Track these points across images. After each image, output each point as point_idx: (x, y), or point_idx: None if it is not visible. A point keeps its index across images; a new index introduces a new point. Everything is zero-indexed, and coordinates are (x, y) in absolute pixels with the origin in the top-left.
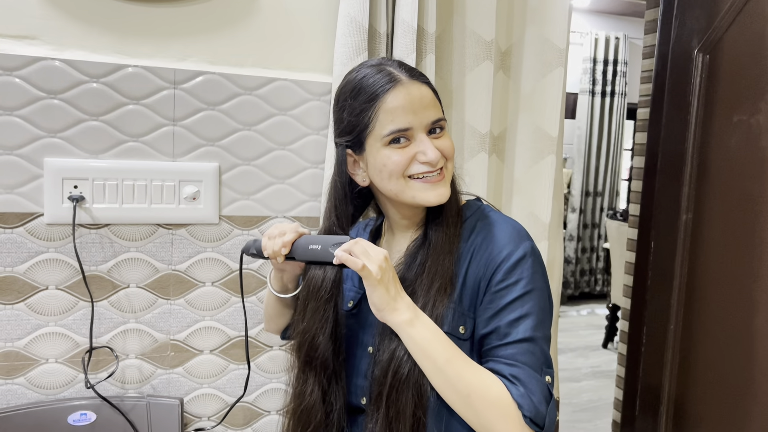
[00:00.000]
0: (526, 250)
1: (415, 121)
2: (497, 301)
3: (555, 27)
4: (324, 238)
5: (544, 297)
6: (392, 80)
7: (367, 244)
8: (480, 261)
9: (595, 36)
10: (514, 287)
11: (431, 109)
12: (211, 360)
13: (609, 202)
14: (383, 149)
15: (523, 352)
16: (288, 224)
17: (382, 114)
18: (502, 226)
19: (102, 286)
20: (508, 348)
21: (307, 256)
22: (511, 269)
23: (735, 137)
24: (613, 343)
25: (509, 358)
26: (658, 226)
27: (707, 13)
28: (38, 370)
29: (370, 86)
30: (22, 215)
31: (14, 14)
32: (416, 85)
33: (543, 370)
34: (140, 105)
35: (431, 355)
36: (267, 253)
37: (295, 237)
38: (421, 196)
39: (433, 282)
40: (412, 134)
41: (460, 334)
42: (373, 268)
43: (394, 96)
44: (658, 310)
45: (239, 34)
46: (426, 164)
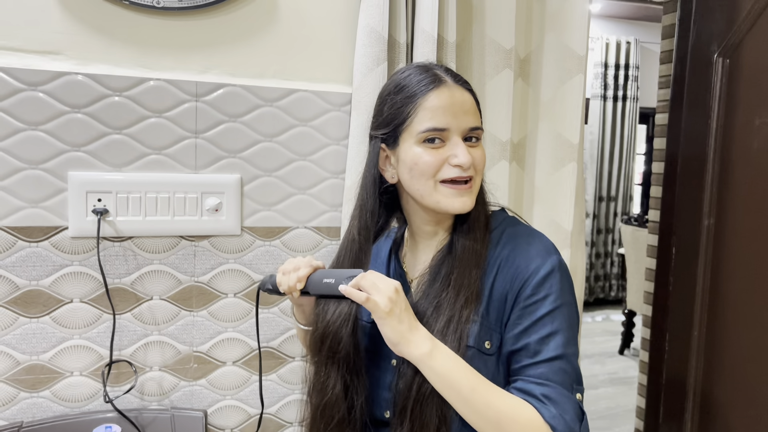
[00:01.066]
0: (554, 264)
1: (453, 124)
2: (526, 317)
3: (574, 33)
4: (337, 272)
5: (572, 312)
6: (437, 80)
7: (377, 277)
8: (507, 274)
9: (606, 41)
10: (543, 302)
11: (471, 116)
12: (234, 371)
13: (623, 207)
14: (416, 146)
15: (555, 370)
16: (302, 259)
17: (421, 111)
18: (529, 239)
19: (125, 298)
20: (539, 367)
21: (321, 290)
22: (539, 284)
23: (757, 140)
24: (630, 350)
25: (540, 377)
26: (680, 232)
27: (726, 18)
28: (63, 383)
29: (415, 83)
30: (46, 229)
31: (38, 30)
32: (460, 90)
33: (574, 388)
34: (162, 118)
35: (455, 385)
36: (283, 288)
37: (310, 271)
38: (446, 202)
39: (459, 295)
40: (448, 136)
41: (485, 348)
42: (381, 301)
43: (436, 95)
44: (680, 316)
45: (259, 45)
46: (457, 167)
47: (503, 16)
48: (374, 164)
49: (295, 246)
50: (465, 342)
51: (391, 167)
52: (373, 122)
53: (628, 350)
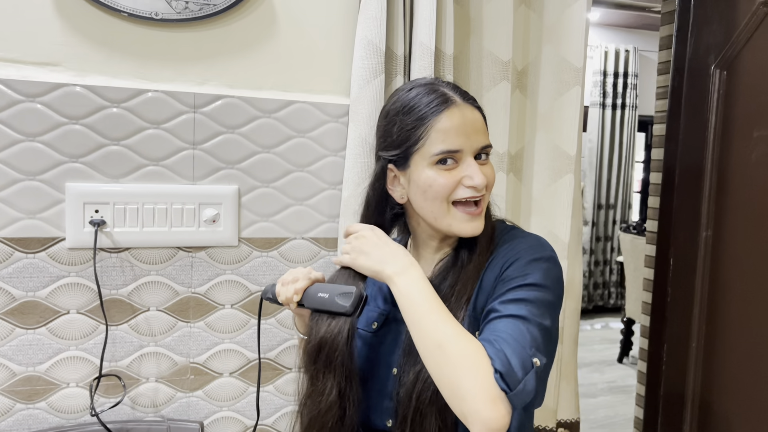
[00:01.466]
0: (543, 254)
1: (466, 144)
2: (500, 288)
3: (571, 46)
4: (333, 287)
5: (554, 296)
6: (447, 101)
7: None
8: (497, 264)
9: (605, 49)
10: (522, 279)
11: (482, 135)
12: (231, 383)
13: (621, 215)
14: (428, 169)
15: (514, 328)
16: (302, 270)
17: (434, 133)
18: (524, 238)
19: (122, 309)
20: (498, 321)
21: (315, 305)
22: (524, 265)
23: (755, 152)
24: (629, 358)
25: (495, 330)
26: (678, 243)
27: (724, 29)
28: (59, 395)
29: (425, 104)
30: (44, 240)
31: (37, 41)
32: (470, 109)
33: (531, 351)
34: (160, 129)
35: (413, 304)
36: (281, 299)
37: (308, 284)
38: (458, 226)
39: (459, 302)
40: (461, 157)
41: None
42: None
43: (447, 116)
44: (678, 327)
45: (258, 57)
46: (471, 188)
47: (500, 28)
48: (381, 185)
49: (293, 257)
50: None
51: (401, 187)
52: (380, 142)
53: (627, 358)
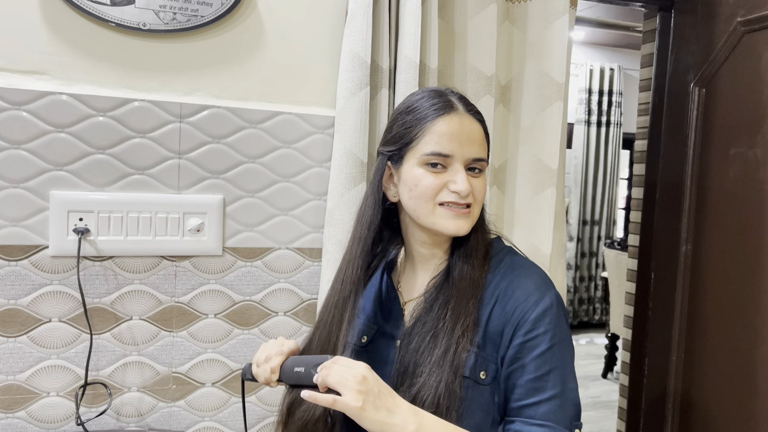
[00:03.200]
0: (552, 299)
1: (458, 151)
2: (525, 353)
3: (554, 61)
4: (307, 359)
5: (569, 347)
6: (448, 106)
7: (342, 369)
8: (505, 306)
9: (590, 67)
10: (543, 339)
11: (476, 146)
12: (213, 393)
13: (606, 231)
14: (418, 167)
15: (554, 410)
16: (273, 345)
17: (428, 134)
18: (528, 272)
19: (105, 318)
20: (539, 407)
21: (293, 380)
22: (538, 319)
23: (733, 169)
24: (613, 373)
25: (541, 418)
26: (659, 257)
27: (702, 49)
28: (39, 404)
29: (427, 107)
30: (27, 248)
31: (25, 50)
32: (470, 119)
33: (572, 424)
34: (146, 138)
35: None
36: (260, 380)
37: (282, 360)
38: (441, 223)
39: (457, 325)
40: (450, 162)
41: (481, 379)
42: (350, 398)
43: (445, 121)
44: (659, 340)
45: (245, 69)
46: (455, 193)
47: (484, 43)
48: (379, 180)
49: (277, 267)
50: (461, 373)
51: (394, 186)
52: (382, 139)
53: (611, 374)
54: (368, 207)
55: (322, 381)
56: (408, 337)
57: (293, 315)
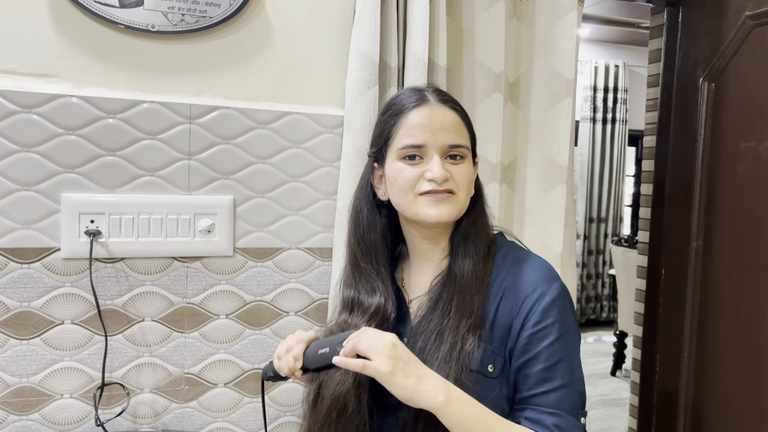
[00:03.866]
0: (558, 290)
1: (431, 140)
2: (535, 344)
3: (562, 58)
4: (330, 340)
5: (576, 337)
6: (420, 99)
7: (372, 336)
8: (512, 300)
9: (595, 64)
10: (551, 329)
11: (451, 133)
12: (226, 393)
13: (613, 229)
14: (397, 162)
15: (563, 398)
16: (291, 337)
17: (402, 128)
18: (532, 264)
19: (117, 320)
20: (549, 395)
21: (319, 363)
22: (546, 310)
23: (743, 164)
24: (622, 371)
25: (550, 406)
26: (669, 254)
27: (711, 43)
28: (53, 406)
29: (400, 103)
30: (39, 250)
31: (34, 53)
32: (442, 108)
33: (579, 413)
34: (156, 140)
35: (472, 429)
36: (284, 372)
37: (304, 347)
38: (423, 212)
39: (462, 322)
40: (426, 152)
41: (489, 372)
42: (381, 363)
43: (416, 113)
44: (670, 337)
45: (253, 69)
46: (431, 181)
47: (493, 41)
48: (368, 181)
49: (288, 267)
50: (468, 368)
51: (383, 185)
52: (370, 142)
53: (620, 371)
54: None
55: (351, 348)
56: (414, 335)
57: (304, 315)
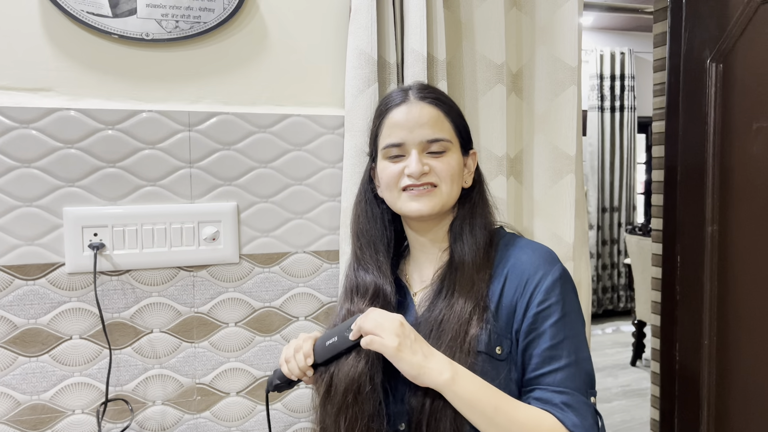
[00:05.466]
0: (560, 271)
1: (408, 138)
2: (540, 323)
3: (565, 46)
4: (336, 329)
5: (580, 318)
6: (401, 99)
7: (378, 314)
8: (516, 281)
9: (600, 52)
10: (555, 308)
11: (427, 129)
12: (239, 402)
13: (626, 217)
14: (383, 160)
15: (571, 377)
16: (295, 341)
17: (385, 128)
18: (533, 248)
19: (125, 333)
20: (556, 374)
21: (329, 353)
22: (549, 290)
23: (756, 144)
24: (642, 361)
25: (558, 384)
26: (684, 240)
27: (717, 23)
28: (65, 422)
29: (385, 103)
30: (43, 266)
31: (29, 68)
32: (419, 105)
33: (588, 392)
34: (156, 149)
35: (479, 407)
36: (294, 374)
37: (312, 343)
38: (406, 206)
39: (465, 304)
40: (406, 149)
41: (497, 354)
42: (388, 339)
43: (396, 112)
44: (689, 325)
45: (251, 73)
46: (409, 177)
47: (493, 31)
48: (368, 178)
49: (295, 271)
50: (474, 350)
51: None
52: None
53: (640, 361)
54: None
55: (359, 328)
56: (419, 325)
57: (314, 319)
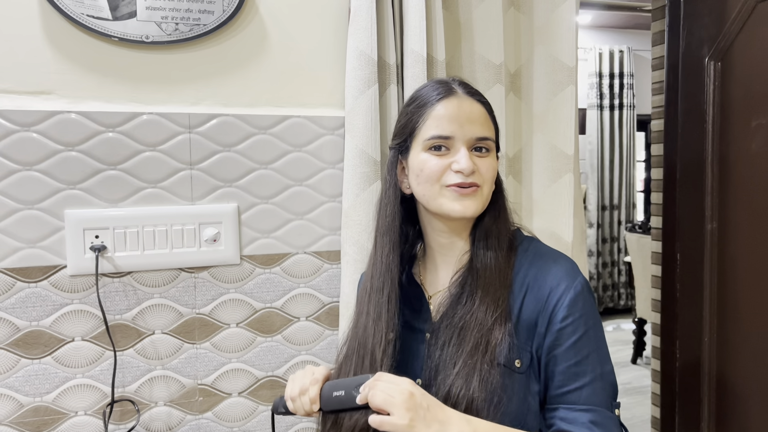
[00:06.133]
0: (582, 284)
1: (459, 132)
2: (564, 339)
3: (563, 45)
4: (346, 382)
5: (601, 328)
6: (448, 91)
7: (387, 387)
8: (537, 295)
9: (599, 51)
10: (579, 323)
11: (478, 126)
12: (241, 403)
13: (626, 215)
14: (423, 152)
15: (596, 392)
16: (304, 376)
17: (429, 119)
18: (555, 259)
19: (127, 334)
20: (581, 391)
21: (334, 406)
22: (571, 305)
23: (755, 142)
24: (643, 358)
25: (584, 402)
26: (683, 238)
27: (715, 21)
28: (68, 424)
29: (427, 94)
30: (45, 269)
31: (29, 71)
32: (469, 101)
33: (613, 405)
34: (157, 151)
35: None
36: (300, 414)
37: (319, 388)
38: (448, 205)
39: (486, 316)
40: (453, 144)
41: (516, 367)
42: (399, 417)
43: (444, 104)
44: (690, 323)
45: (251, 74)
46: (458, 173)
47: (491, 32)
48: (393, 173)
49: (296, 272)
50: (495, 361)
51: (406, 178)
52: (393, 135)
53: (640, 359)
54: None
55: (367, 400)
56: (437, 331)
57: (315, 319)
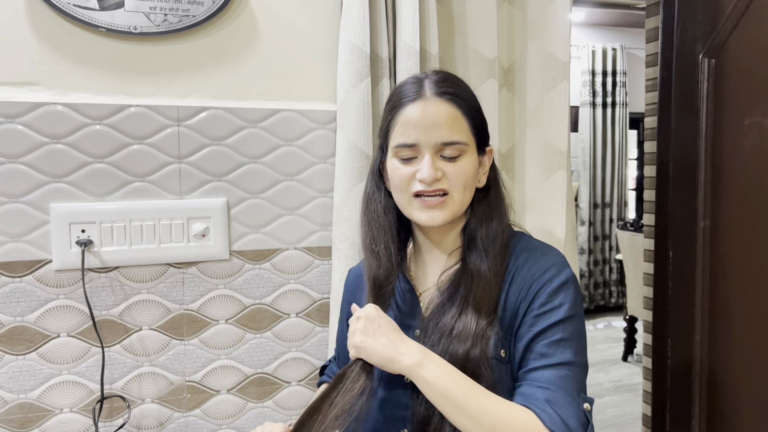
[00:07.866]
0: (568, 275)
1: (422, 138)
2: (539, 323)
3: (556, 41)
4: None
5: (582, 325)
6: (416, 93)
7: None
8: (521, 283)
9: (592, 48)
10: (558, 311)
11: (445, 129)
12: (229, 400)
13: (618, 213)
14: (393, 159)
15: (561, 376)
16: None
17: (398, 125)
18: (544, 251)
19: (114, 330)
20: (546, 371)
21: None
22: (554, 292)
23: (748, 140)
24: (633, 356)
25: (546, 381)
26: (676, 235)
27: (709, 18)
28: (53, 421)
29: (399, 95)
30: (30, 263)
31: (14, 61)
32: (437, 103)
33: (581, 396)
34: (145, 144)
35: (447, 392)
36: None
37: None
38: (416, 215)
39: (480, 318)
40: (419, 150)
41: (501, 357)
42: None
43: (410, 108)
44: (681, 320)
45: (241, 67)
46: (421, 182)
47: (485, 26)
48: (376, 170)
49: (286, 268)
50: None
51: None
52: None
53: (631, 356)
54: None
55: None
56: (426, 328)
57: (305, 316)
